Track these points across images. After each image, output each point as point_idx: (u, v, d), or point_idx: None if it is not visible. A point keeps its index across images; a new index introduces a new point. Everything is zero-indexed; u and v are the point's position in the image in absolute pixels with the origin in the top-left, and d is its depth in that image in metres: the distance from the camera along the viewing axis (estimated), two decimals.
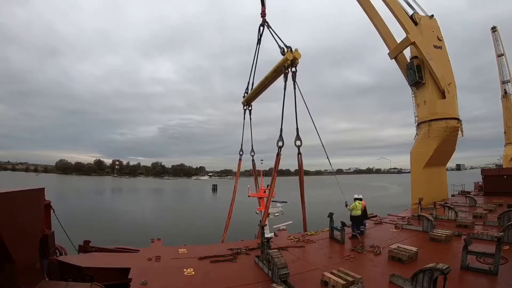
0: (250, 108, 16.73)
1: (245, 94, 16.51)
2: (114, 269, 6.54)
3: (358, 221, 10.81)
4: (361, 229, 10.88)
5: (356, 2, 21.93)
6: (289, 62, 10.97)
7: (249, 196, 18.85)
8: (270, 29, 13.39)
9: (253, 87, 15.51)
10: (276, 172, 11.28)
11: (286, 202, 19.31)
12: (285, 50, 11.33)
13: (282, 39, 11.96)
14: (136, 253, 8.18)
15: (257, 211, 18.33)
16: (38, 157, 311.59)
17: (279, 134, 11.02)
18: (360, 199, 10.98)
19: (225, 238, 15.06)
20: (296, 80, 11.25)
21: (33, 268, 5.38)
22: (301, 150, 11.58)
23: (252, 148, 16.97)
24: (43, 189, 6.23)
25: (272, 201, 15.94)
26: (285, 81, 11.17)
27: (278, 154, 10.96)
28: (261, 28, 14.22)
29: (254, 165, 17.63)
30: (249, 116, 16.72)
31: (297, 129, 11.54)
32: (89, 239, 8.47)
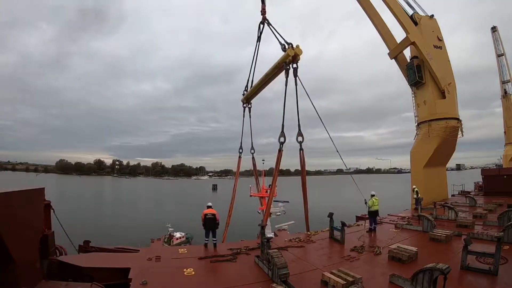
0: (249, 106, 16.57)
1: (245, 92, 16.37)
2: (114, 269, 6.52)
3: (375, 216, 11.36)
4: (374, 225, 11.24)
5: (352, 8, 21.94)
6: (290, 58, 10.96)
7: (250, 195, 18.74)
8: (270, 26, 13.32)
9: (253, 85, 15.45)
10: (277, 169, 11.17)
11: (288, 201, 19.24)
12: (286, 46, 11.31)
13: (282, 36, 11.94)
14: (136, 253, 8.17)
15: (259, 211, 18.23)
16: (38, 157, 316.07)
17: (280, 131, 10.89)
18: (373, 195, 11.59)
19: (226, 238, 14.99)
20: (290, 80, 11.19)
21: (33, 268, 5.36)
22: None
23: (252, 146, 16.67)
24: (43, 189, 6.22)
25: (274, 200, 15.77)
26: (286, 77, 11.14)
27: (280, 150, 10.83)
28: (261, 25, 14.15)
29: (254, 163, 17.33)
30: (248, 114, 16.60)
31: (299, 125, 11.46)
32: (89, 239, 8.47)
